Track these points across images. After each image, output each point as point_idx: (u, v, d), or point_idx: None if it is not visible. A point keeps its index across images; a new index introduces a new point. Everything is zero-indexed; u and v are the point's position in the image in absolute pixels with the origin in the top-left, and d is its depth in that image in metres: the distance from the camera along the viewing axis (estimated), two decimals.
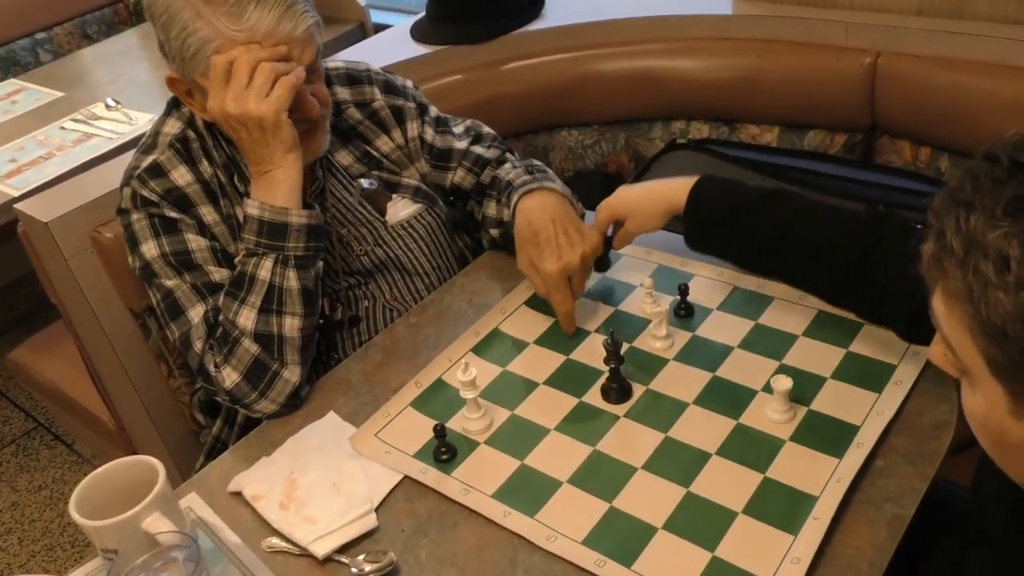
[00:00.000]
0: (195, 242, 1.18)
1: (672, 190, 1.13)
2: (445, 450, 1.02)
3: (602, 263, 1.24)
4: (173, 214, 1.17)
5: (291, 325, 1.12)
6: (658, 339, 1.14)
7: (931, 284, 0.65)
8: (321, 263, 1.17)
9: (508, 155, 1.38)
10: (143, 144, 1.23)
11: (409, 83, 1.40)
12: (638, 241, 1.24)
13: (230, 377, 1.11)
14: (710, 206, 1.11)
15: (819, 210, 1.06)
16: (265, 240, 1.12)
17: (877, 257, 0.99)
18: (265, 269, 1.11)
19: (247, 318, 1.11)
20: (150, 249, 1.17)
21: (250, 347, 1.11)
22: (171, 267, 1.17)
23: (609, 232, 1.22)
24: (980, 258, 0.59)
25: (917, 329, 0.98)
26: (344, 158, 1.31)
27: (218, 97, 1.07)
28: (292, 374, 1.12)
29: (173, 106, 1.24)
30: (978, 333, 0.61)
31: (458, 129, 1.40)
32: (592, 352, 1.14)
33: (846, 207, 1.08)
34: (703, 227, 1.12)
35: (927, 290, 0.67)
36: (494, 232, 1.34)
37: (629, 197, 1.18)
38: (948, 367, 0.69)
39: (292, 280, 1.12)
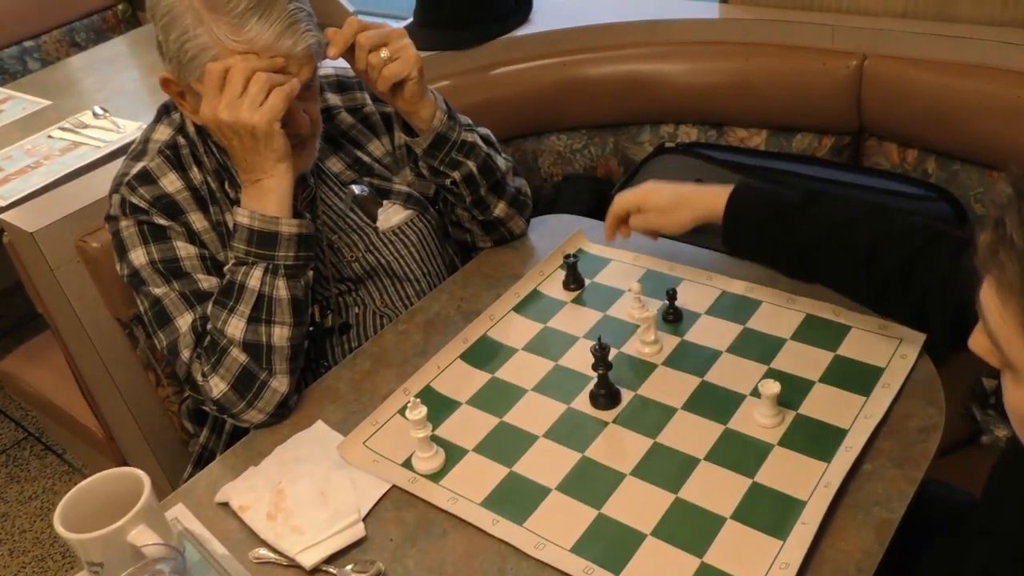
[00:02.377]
0: (184, 249, 1.17)
1: (708, 196, 1.13)
2: None
3: None
4: (162, 221, 1.17)
5: (280, 335, 1.12)
6: (646, 344, 1.13)
7: (983, 274, 0.64)
8: (311, 272, 1.16)
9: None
10: (133, 151, 1.22)
11: None
12: (624, 245, 1.23)
13: (218, 386, 1.11)
14: (748, 214, 1.10)
15: (862, 215, 1.05)
16: (255, 249, 1.11)
17: (924, 263, 0.99)
18: (255, 278, 1.11)
19: (236, 327, 1.10)
20: (139, 256, 1.17)
21: (238, 356, 1.10)
22: (159, 275, 1.16)
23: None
24: None
25: (958, 336, 0.98)
26: (335, 165, 1.30)
27: (211, 104, 1.07)
28: (280, 384, 1.12)
29: (163, 112, 1.24)
30: None
31: None
32: (580, 358, 1.14)
33: (889, 210, 1.08)
34: (742, 234, 1.12)
35: (971, 295, 0.66)
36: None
37: (660, 195, 1.17)
38: (990, 358, 0.68)
39: (282, 289, 1.12)
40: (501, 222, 1.35)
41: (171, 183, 1.18)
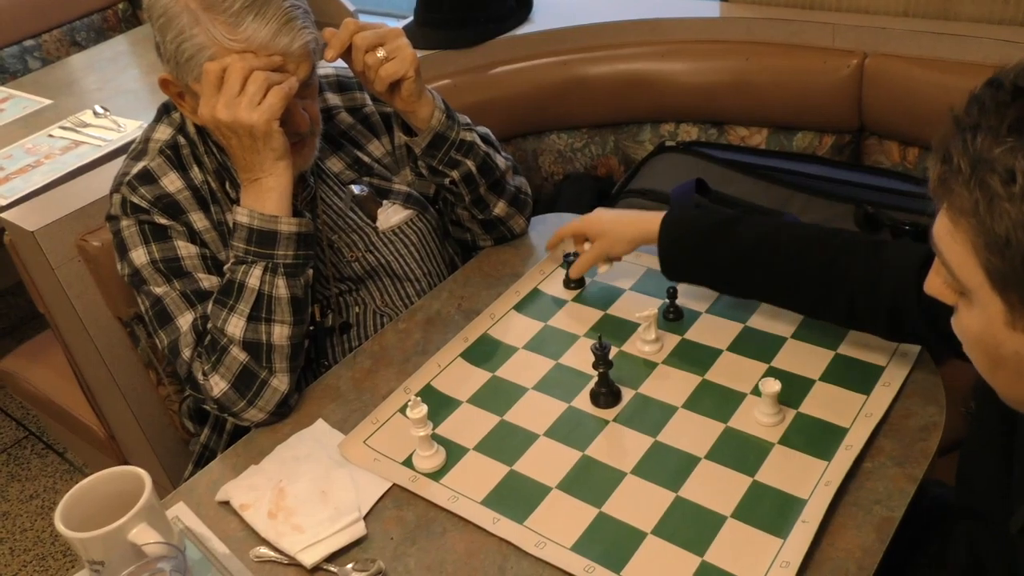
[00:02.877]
0: (185, 249, 1.17)
1: (646, 219, 1.17)
2: None
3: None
4: (163, 221, 1.17)
5: (280, 333, 1.12)
6: (647, 343, 1.13)
7: (937, 206, 0.68)
8: (311, 271, 1.16)
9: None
10: (133, 150, 1.22)
11: None
12: None
13: (218, 385, 1.11)
14: (682, 231, 1.13)
15: (778, 230, 1.09)
16: (254, 248, 1.11)
17: (842, 266, 1.01)
18: (254, 277, 1.11)
19: (236, 326, 1.11)
20: (139, 256, 1.17)
21: (238, 355, 1.10)
22: (160, 274, 1.16)
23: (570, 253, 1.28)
24: (987, 173, 0.62)
25: (896, 330, 1.01)
26: (335, 164, 1.30)
27: (210, 103, 1.07)
28: (281, 382, 1.12)
29: (164, 112, 1.24)
30: (981, 247, 0.64)
31: None
32: (581, 357, 1.14)
33: (804, 227, 1.12)
34: (675, 254, 1.14)
35: (902, 289, 0.68)
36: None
37: (602, 219, 1.22)
38: (946, 294, 0.72)
39: (281, 288, 1.12)
40: (501, 221, 1.35)
41: (172, 183, 1.18)
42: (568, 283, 1.28)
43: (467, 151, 1.25)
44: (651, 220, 1.15)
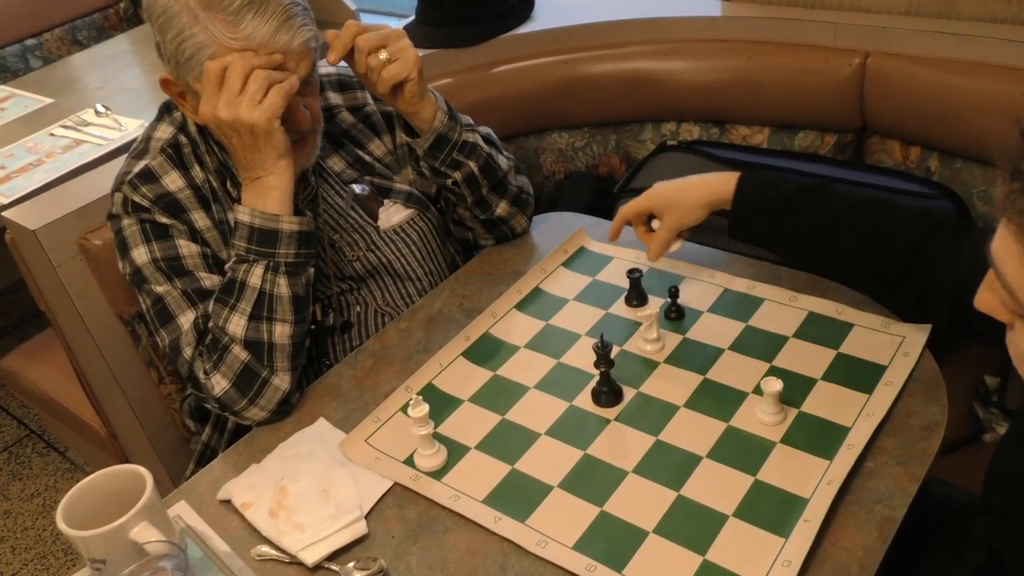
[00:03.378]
0: (186, 248, 1.17)
1: (716, 180, 1.12)
2: None
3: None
4: (164, 219, 1.17)
5: (281, 332, 1.12)
6: (648, 342, 1.13)
7: (1004, 223, 0.64)
8: (312, 270, 1.16)
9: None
10: (135, 149, 1.22)
11: None
12: (627, 243, 1.23)
13: (220, 384, 1.11)
14: (758, 196, 1.09)
15: (867, 202, 1.05)
16: (256, 247, 1.11)
17: (925, 250, 0.99)
18: (256, 276, 1.11)
19: (237, 325, 1.10)
20: (141, 255, 1.17)
21: (240, 354, 1.10)
22: (162, 273, 1.16)
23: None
24: None
25: (957, 324, 0.99)
26: (336, 163, 1.30)
27: (211, 103, 1.07)
28: (282, 381, 1.12)
29: (165, 111, 1.24)
30: None
31: None
32: (582, 355, 1.14)
33: (894, 198, 1.08)
34: (751, 216, 1.11)
35: (973, 280, 0.66)
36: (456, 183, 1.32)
37: (667, 189, 1.16)
38: (1000, 312, 0.69)
39: (283, 287, 1.12)
40: (503, 220, 1.35)
41: (173, 181, 1.18)
42: (631, 299, 1.21)
43: (469, 152, 1.25)
44: (725, 181, 1.11)
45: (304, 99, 1.13)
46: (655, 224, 1.19)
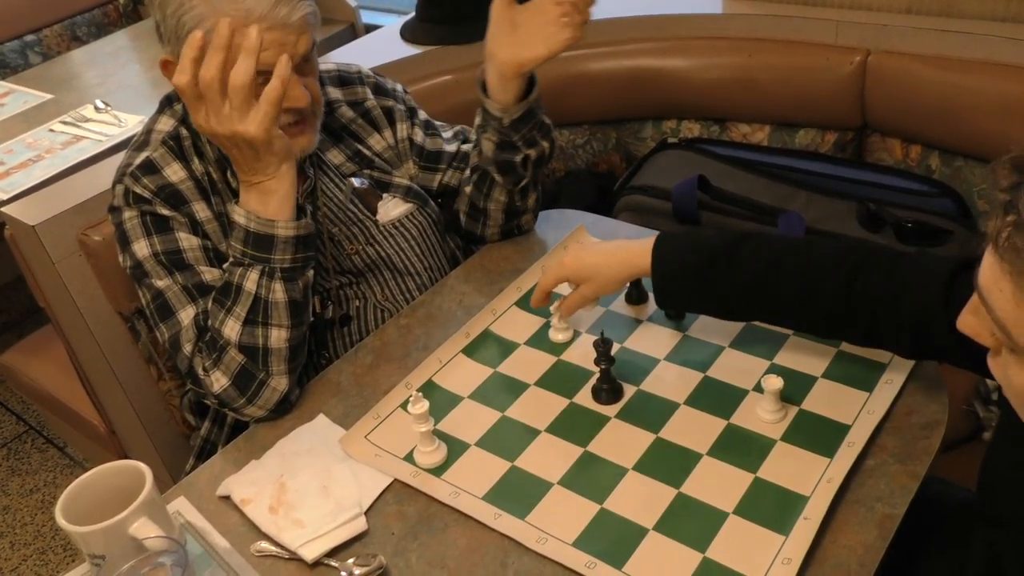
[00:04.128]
0: (187, 241, 1.17)
1: (632, 252, 1.06)
2: None
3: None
4: (165, 212, 1.16)
5: (277, 337, 1.11)
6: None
7: (992, 259, 0.62)
8: (311, 272, 1.16)
9: None
10: (135, 142, 1.22)
11: (399, 86, 1.40)
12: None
13: (219, 381, 1.11)
14: (678, 263, 1.03)
15: (787, 252, 1.00)
16: (251, 251, 1.10)
17: (860, 286, 0.95)
18: (251, 281, 1.10)
19: (232, 329, 1.10)
20: (141, 248, 1.16)
21: (236, 356, 1.10)
22: (162, 267, 1.16)
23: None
24: None
25: (921, 348, 0.96)
26: (335, 157, 1.30)
27: (199, 116, 1.05)
28: (279, 383, 1.12)
29: (166, 104, 1.23)
30: None
31: (447, 133, 1.41)
32: (583, 353, 1.14)
33: (814, 244, 1.02)
34: (673, 285, 1.05)
35: (928, 301, 0.61)
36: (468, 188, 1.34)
37: (584, 261, 1.10)
38: (984, 337, 0.67)
39: (278, 292, 1.11)
40: (523, 212, 1.36)
41: (174, 173, 1.18)
42: (631, 296, 1.20)
43: (546, 134, 1.29)
44: (640, 254, 1.05)
45: (304, 79, 1.13)
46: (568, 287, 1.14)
